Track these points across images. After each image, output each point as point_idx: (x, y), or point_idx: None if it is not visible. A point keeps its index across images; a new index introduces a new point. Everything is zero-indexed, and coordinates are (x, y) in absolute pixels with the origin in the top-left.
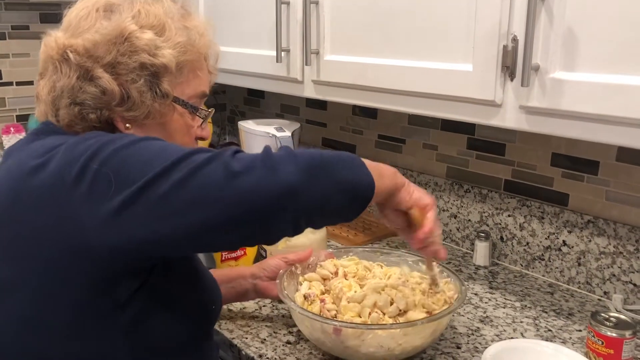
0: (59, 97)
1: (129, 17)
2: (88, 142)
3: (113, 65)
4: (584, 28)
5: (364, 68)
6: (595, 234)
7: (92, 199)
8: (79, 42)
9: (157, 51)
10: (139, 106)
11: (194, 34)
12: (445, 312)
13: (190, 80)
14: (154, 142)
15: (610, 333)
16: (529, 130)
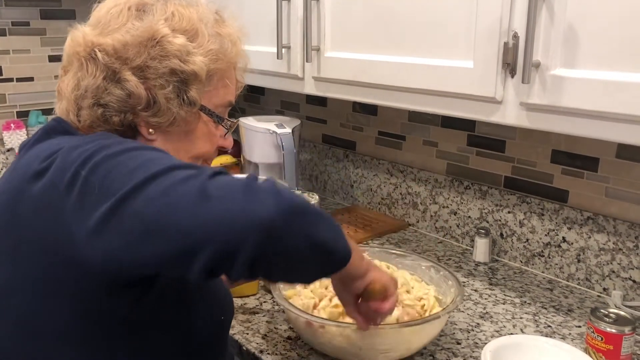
0: (82, 96)
1: (162, 19)
2: (85, 146)
3: (142, 69)
4: (585, 25)
5: (364, 65)
6: (595, 230)
7: (80, 209)
8: (109, 41)
9: (189, 57)
10: (165, 112)
11: (226, 42)
12: (420, 321)
13: (218, 89)
14: (145, 152)
15: (610, 329)
16: (529, 127)
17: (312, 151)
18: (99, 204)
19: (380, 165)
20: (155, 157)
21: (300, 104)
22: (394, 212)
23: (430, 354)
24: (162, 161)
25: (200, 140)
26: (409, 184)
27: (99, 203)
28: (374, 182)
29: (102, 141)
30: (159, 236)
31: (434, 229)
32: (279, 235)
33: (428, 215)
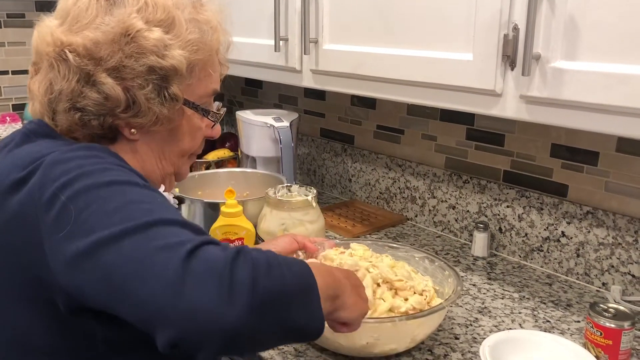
0: (56, 99)
1: (134, 10)
2: (68, 164)
3: (118, 69)
4: (586, 17)
5: (363, 57)
6: (595, 225)
7: (55, 233)
8: (79, 40)
9: (166, 52)
10: (146, 113)
11: (206, 30)
12: (427, 312)
13: (201, 79)
14: (128, 190)
15: (609, 324)
16: (529, 120)
17: (310, 145)
18: (74, 237)
19: (378, 160)
20: (137, 199)
21: (298, 97)
22: (392, 206)
23: (429, 349)
24: (143, 208)
25: (185, 136)
26: (407, 178)
27: (75, 237)
28: (372, 176)
29: (83, 165)
30: (126, 300)
31: (432, 223)
32: (249, 336)
33: (426, 210)
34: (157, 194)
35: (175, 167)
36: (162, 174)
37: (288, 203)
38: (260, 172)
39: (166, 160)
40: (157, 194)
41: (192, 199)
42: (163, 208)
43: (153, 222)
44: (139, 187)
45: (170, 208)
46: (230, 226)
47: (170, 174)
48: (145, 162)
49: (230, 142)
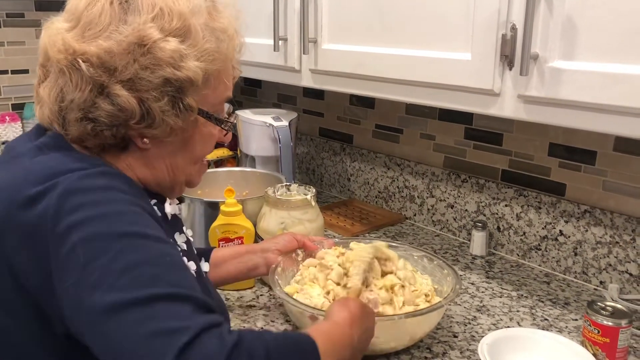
0: (68, 108)
1: (149, 19)
2: (84, 197)
3: (133, 81)
4: (584, 17)
5: (362, 57)
6: (592, 223)
7: (64, 274)
8: (92, 49)
9: (182, 63)
10: (160, 124)
11: (223, 38)
12: (426, 310)
13: (216, 88)
14: (141, 247)
15: (607, 322)
16: (527, 119)
17: (309, 144)
18: (80, 287)
19: (377, 159)
20: (146, 259)
21: (297, 97)
22: (391, 205)
23: (427, 347)
24: (150, 274)
25: (198, 144)
26: (406, 177)
27: (81, 287)
28: (371, 175)
29: (101, 199)
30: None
31: (430, 222)
32: None
33: (425, 209)
34: (168, 247)
35: (187, 175)
36: (172, 182)
37: (287, 202)
38: (260, 172)
39: (178, 168)
40: (168, 247)
41: (192, 198)
42: (171, 271)
43: (158, 296)
44: (151, 242)
45: (177, 269)
46: (230, 225)
47: (181, 182)
48: (156, 170)
49: (229, 142)
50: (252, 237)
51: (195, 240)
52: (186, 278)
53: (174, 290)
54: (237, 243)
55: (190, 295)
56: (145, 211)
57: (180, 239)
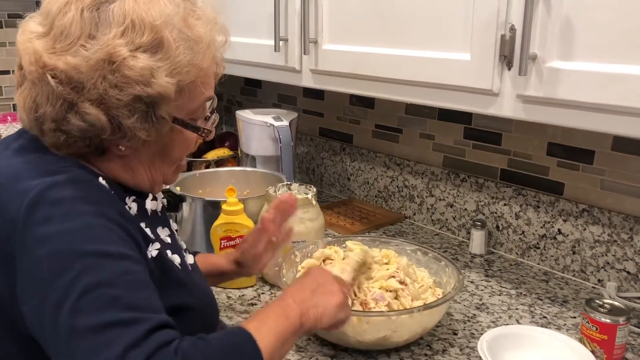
0: (41, 119)
1: (118, 33)
2: (53, 210)
3: (102, 99)
4: (582, 17)
5: (362, 57)
6: (590, 222)
7: (25, 279)
8: (60, 65)
9: (154, 79)
10: (132, 137)
11: (198, 49)
12: (441, 301)
13: (192, 94)
14: (102, 267)
15: (605, 319)
16: (526, 119)
17: (309, 144)
18: (43, 300)
19: (377, 158)
20: (105, 280)
21: (297, 97)
22: (391, 205)
23: (427, 344)
24: (109, 295)
25: (176, 149)
26: (405, 177)
27: (44, 300)
28: (370, 175)
29: (69, 211)
30: None
31: (430, 221)
32: None
33: (424, 208)
34: (128, 264)
35: (165, 176)
36: (150, 182)
37: None
38: (260, 171)
39: (156, 170)
40: (128, 264)
41: (194, 197)
42: (129, 292)
43: (114, 322)
44: (113, 260)
45: (136, 288)
46: (231, 224)
47: (160, 182)
48: (135, 173)
49: (229, 141)
50: None
51: (197, 239)
52: (144, 298)
53: (131, 315)
54: (239, 242)
55: (146, 317)
56: (112, 221)
57: (164, 233)
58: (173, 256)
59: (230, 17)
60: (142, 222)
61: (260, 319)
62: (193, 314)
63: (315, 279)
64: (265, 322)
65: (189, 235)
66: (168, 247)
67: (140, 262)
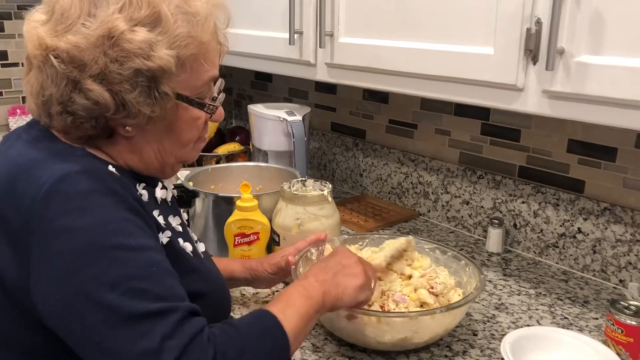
0: (48, 102)
1: (117, 9)
2: (71, 202)
3: (104, 74)
4: (612, 10)
5: (379, 51)
6: (612, 221)
7: (43, 271)
8: (62, 45)
9: (153, 52)
10: (137, 114)
11: (195, 21)
12: (463, 302)
13: (194, 71)
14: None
15: (630, 321)
16: (551, 115)
17: (321, 139)
18: (68, 292)
19: (390, 154)
20: (133, 273)
21: (309, 91)
22: (405, 201)
23: (447, 345)
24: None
25: (184, 129)
26: (420, 173)
27: (69, 292)
28: (384, 171)
29: (85, 205)
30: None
31: (445, 218)
32: None
33: (439, 205)
34: (152, 255)
35: (177, 158)
36: (160, 164)
37: (304, 197)
38: (274, 167)
39: (165, 152)
40: (152, 255)
41: (207, 192)
42: (157, 282)
43: (147, 313)
44: (136, 253)
45: (163, 278)
46: (246, 220)
47: (171, 164)
48: (144, 156)
49: (240, 136)
50: (267, 233)
51: (209, 235)
52: (172, 286)
53: (161, 305)
54: (254, 239)
55: (176, 307)
56: (129, 210)
57: (175, 222)
58: (185, 244)
59: (242, 9)
60: (154, 209)
61: (285, 301)
62: (207, 300)
63: (339, 260)
64: (289, 304)
65: (202, 231)
66: (180, 235)
67: (161, 251)
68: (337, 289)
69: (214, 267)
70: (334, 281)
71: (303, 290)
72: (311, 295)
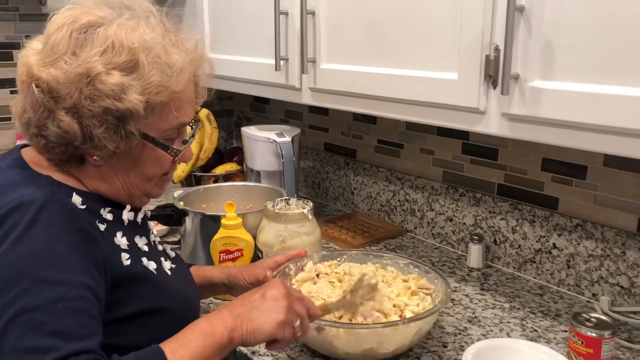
0: (27, 124)
1: (98, 52)
2: (13, 230)
3: (76, 108)
4: (561, 39)
5: (356, 76)
6: (584, 237)
7: None
8: (44, 76)
9: (124, 95)
10: (102, 148)
11: (170, 73)
12: (426, 314)
13: (164, 115)
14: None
15: (590, 333)
16: (511, 136)
17: (315, 159)
18: None
19: (379, 173)
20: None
21: (303, 112)
22: (393, 218)
23: (417, 357)
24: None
25: (148, 165)
26: (406, 191)
27: None
28: (373, 189)
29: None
30: None
31: (430, 235)
32: None
33: (425, 222)
34: (66, 290)
35: (142, 190)
36: (127, 194)
37: (285, 215)
38: (262, 186)
39: (131, 184)
40: (66, 290)
41: (195, 211)
42: (57, 317)
43: (32, 348)
44: (49, 286)
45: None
46: (230, 237)
47: (139, 195)
48: (110, 185)
49: (237, 157)
50: (252, 250)
51: (198, 252)
52: (71, 324)
53: (50, 342)
54: (237, 255)
55: (62, 346)
56: (66, 244)
57: (142, 242)
58: (149, 262)
59: (235, 37)
60: (118, 231)
61: (182, 340)
62: (169, 315)
63: (264, 293)
64: (185, 343)
65: (192, 248)
66: (144, 255)
67: (83, 287)
68: (251, 324)
69: (185, 284)
70: (249, 316)
71: (208, 327)
72: (214, 334)
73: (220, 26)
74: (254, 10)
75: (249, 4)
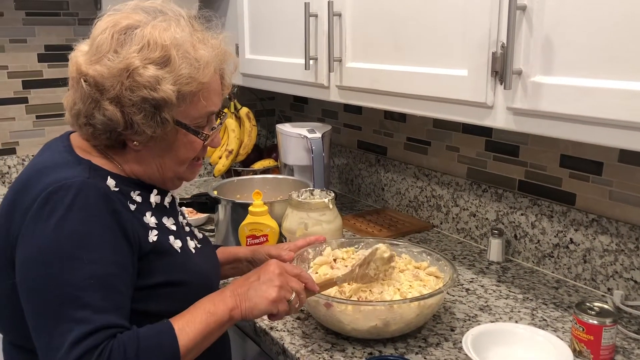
0: (77, 115)
1: (136, 50)
2: (56, 212)
3: (118, 98)
4: (560, 36)
5: (377, 74)
6: (600, 232)
7: (19, 252)
8: (91, 72)
9: (159, 86)
10: (142, 133)
11: (197, 66)
12: (428, 295)
13: (194, 104)
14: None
15: (591, 321)
16: (516, 130)
17: (348, 156)
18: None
19: (407, 170)
20: (73, 281)
21: (338, 112)
22: (421, 214)
23: (424, 338)
24: (72, 294)
25: (181, 149)
26: (433, 187)
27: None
28: (402, 185)
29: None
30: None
31: (455, 230)
32: None
33: (450, 217)
34: (97, 268)
35: (175, 173)
36: (162, 177)
37: (307, 204)
38: (291, 178)
39: (165, 166)
40: (97, 268)
41: (226, 199)
42: (89, 292)
43: (67, 317)
44: (82, 264)
45: (94, 289)
46: (257, 224)
47: (171, 177)
48: (147, 167)
49: (275, 153)
50: (276, 235)
51: (229, 236)
52: (99, 299)
53: (82, 314)
54: (263, 240)
55: (92, 319)
56: (101, 225)
57: (169, 222)
58: (175, 241)
59: (272, 40)
60: (147, 211)
61: (188, 318)
62: (187, 288)
63: (260, 273)
64: (190, 321)
65: (224, 234)
66: (171, 233)
67: (113, 264)
68: (248, 302)
69: (207, 263)
70: (247, 295)
71: (211, 307)
72: (216, 312)
73: (259, 30)
74: (288, 13)
75: (284, 8)
